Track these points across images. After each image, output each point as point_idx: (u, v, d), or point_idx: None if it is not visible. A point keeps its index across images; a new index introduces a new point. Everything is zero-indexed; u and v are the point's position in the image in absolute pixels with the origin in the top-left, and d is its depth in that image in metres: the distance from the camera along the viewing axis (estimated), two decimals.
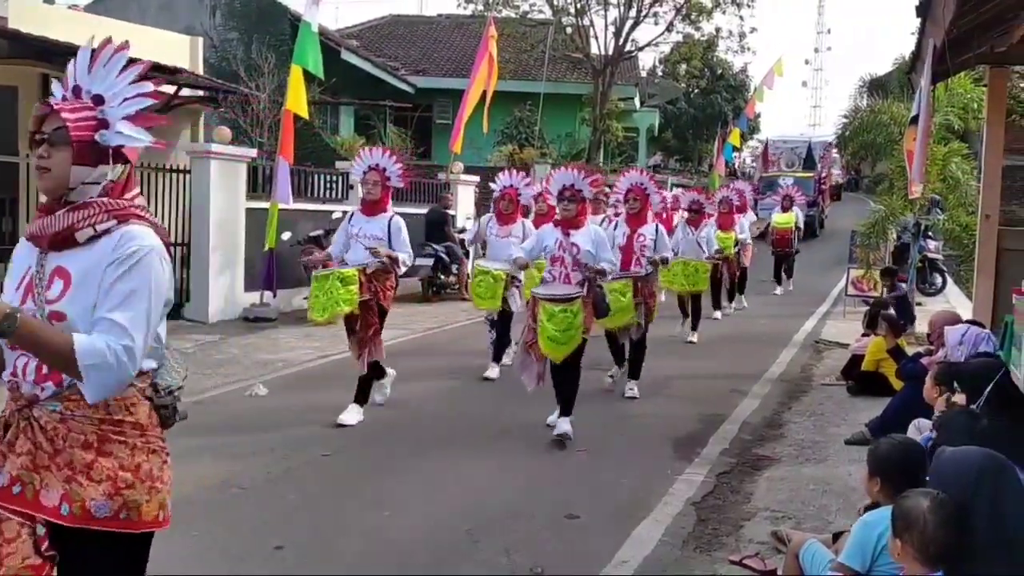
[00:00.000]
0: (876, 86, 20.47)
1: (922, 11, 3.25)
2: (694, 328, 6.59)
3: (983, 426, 2.15)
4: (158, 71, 7.86)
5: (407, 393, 4.55)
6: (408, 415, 4.17)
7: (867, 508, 2.10)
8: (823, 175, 17.40)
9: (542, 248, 3.79)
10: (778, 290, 9.75)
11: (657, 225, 4.68)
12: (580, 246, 3.66)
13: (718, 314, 7.77)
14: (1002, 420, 2.25)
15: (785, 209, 9.81)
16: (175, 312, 6.70)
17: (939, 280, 9.00)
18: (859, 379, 4.77)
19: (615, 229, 4.58)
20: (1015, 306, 3.93)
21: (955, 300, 8.32)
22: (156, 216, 6.70)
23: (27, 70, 7.25)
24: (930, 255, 8.58)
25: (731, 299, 8.35)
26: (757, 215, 13.76)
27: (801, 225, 10.20)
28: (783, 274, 9.90)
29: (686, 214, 6.87)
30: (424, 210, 9.00)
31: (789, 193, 10.04)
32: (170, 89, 8.56)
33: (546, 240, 3.78)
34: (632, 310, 4.34)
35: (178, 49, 9.37)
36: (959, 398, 2.59)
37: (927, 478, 1.73)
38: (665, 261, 4.70)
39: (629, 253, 4.47)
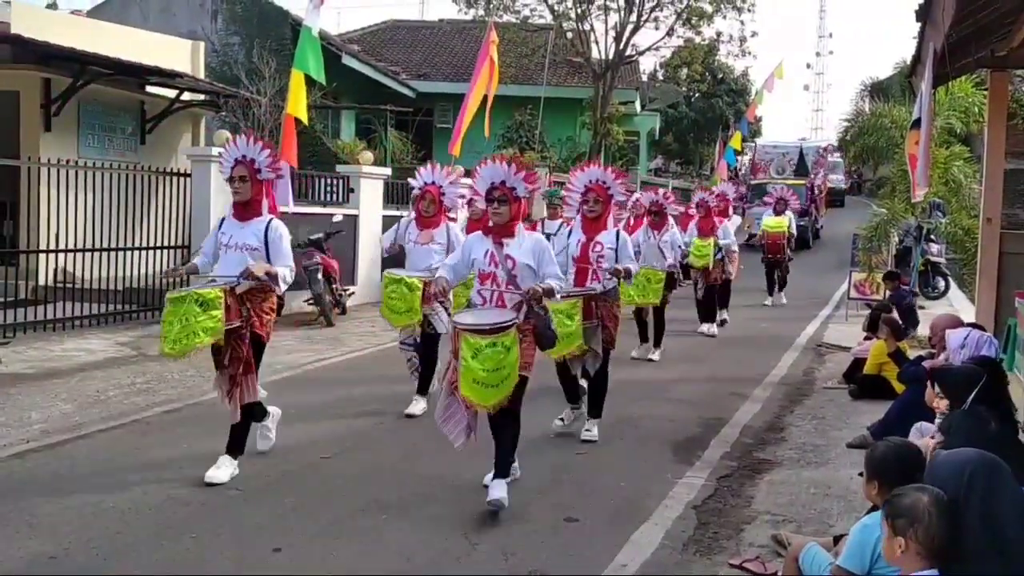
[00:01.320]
0: (877, 90, 20.41)
1: (922, 15, 3.25)
2: (656, 344, 5.76)
3: (991, 431, 2.14)
4: (160, 75, 7.96)
5: (410, 394, 4.54)
6: (410, 423, 4.15)
7: (868, 511, 2.09)
8: (817, 182, 15.90)
9: (469, 263, 3.02)
10: (768, 300, 8.87)
11: (618, 231, 3.83)
12: (516, 259, 2.91)
13: (711, 328, 6.91)
14: (1009, 424, 2.24)
15: (778, 212, 8.93)
16: None
17: (941, 284, 8.97)
18: (861, 383, 4.75)
19: (569, 236, 3.81)
20: (1018, 309, 3.92)
21: (958, 304, 8.29)
22: (157, 219, 6.45)
23: (29, 75, 7.30)
24: (932, 258, 8.55)
25: (709, 315, 7.12)
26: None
27: (795, 231, 9.24)
28: (776, 284, 8.97)
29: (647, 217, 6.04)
30: None
31: (783, 195, 9.14)
32: (171, 93, 8.64)
33: (474, 252, 3.00)
34: (579, 336, 3.54)
35: (180, 53, 9.43)
36: (942, 404, 2.59)
37: (924, 479, 1.72)
38: (628, 274, 3.80)
39: (584, 265, 3.68)
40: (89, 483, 3.02)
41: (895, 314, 5.01)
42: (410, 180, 4.56)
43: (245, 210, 3.16)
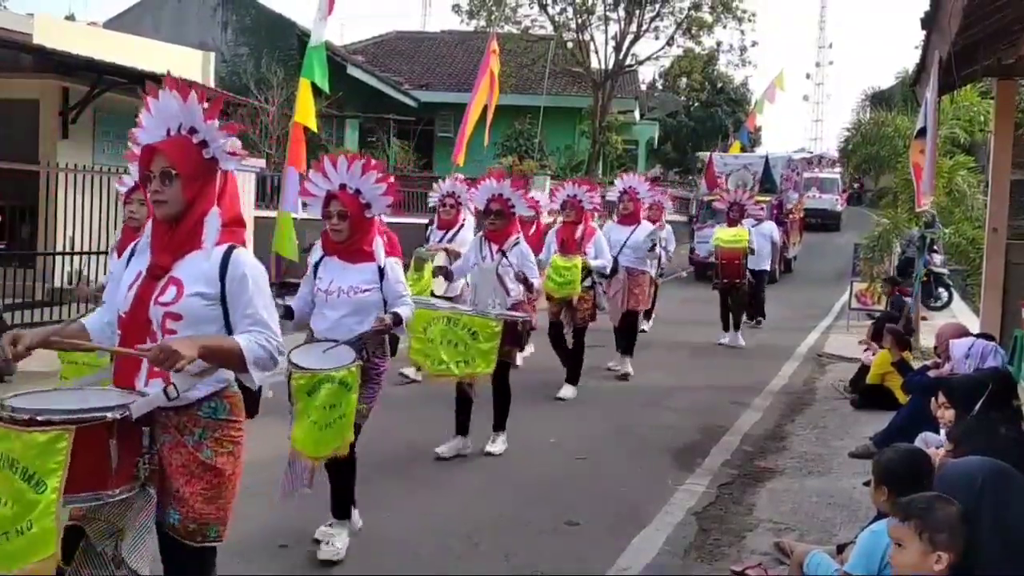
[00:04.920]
0: (879, 99, 20.42)
1: (927, 23, 3.28)
2: (499, 425, 3.54)
3: (1002, 437, 2.13)
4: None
5: (412, 395, 4.53)
6: (409, 418, 4.15)
7: (875, 519, 2.08)
8: (790, 203, 12.57)
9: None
10: (723, 338, 6.53)
11: (384, 266, 2.47)
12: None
13: (570, 391, 4.59)
14: (1017, 430, 2.24)
15: (732, 222, 6.58)
16: None
17: (944, 294, 8.93)
18: (864, 392, 4.72)
19: (315, 267, 2.51)
20: None
21: (961, 315, 8.26)
22: None
23: (49, 83, 7.46)
24: (935, 269, 8.51)
25: (572, 374, 4.63)
26: (692, 248, 10.91)
27: (755, 246, 6.63)
28: (731, 316, 6.60)
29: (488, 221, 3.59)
30: (425, 220, 9.13)
31: (737, 200, 6.75)
32: None
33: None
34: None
35: (191, 63, 9.58)
36: (949, 413, 2.58)
37: (933, 488, 1.72)
38: (395, 322, 2.43)
39: (139, 324, 1.45)
40: None
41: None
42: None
43: None
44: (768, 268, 7.76)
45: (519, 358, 4.78)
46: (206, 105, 1.57)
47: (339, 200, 2.42)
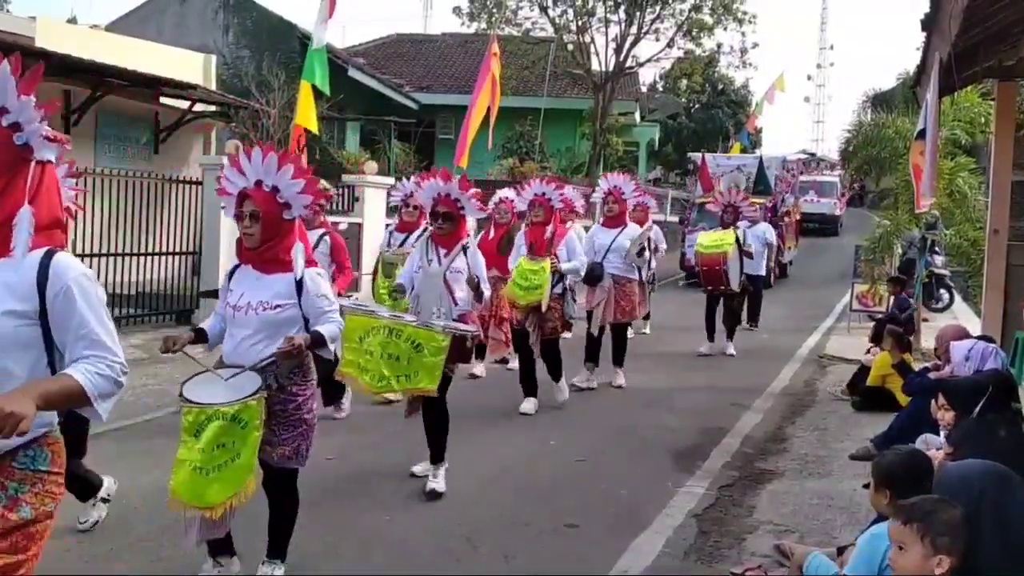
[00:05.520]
0: (880, 101, 20.41)
1: (927, 25, 3.29)
2: (437, 458, 3.16)
3: (1001, 439, 2.13)
4: (173, 87, 8.13)
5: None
6: (408, 421, 4.17)
7: (874, 521, 2.08)
8: (785, 207, 12.00)
9: None
10: (703, 347, 6.19)
11: (302, 278, 2.13)
12: None
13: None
14: (1018, 431, 2.24)
15: (727, 225, 6.17)
16: (185, 318, 6.79)
17: (946, 296, 8.92)
18: (864, 394, 4.72)
19: (229, 277, 2.23)
20: None
21: (963, 316, 8.24)
22: (169, 225, 6.13)
23: (51, 86, 7.50)
24: (936, 270, 8.49)
25: (555, 374, 4.33)
26: (683, 253, 10.34)
27: (751, 248, 6.37)
28: (722, 324, 6.29)
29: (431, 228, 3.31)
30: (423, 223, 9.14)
31: (732, 202, 6.29)
32: (184, 104, 8.83)
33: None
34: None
35: (192, 66, 9.63)
36: (949, 415, 2.59)
37: (932, 490, 1.72)
38: (316, 342, 2.13)
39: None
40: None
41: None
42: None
43: None
44: (763, 273, 7.54)
45: (513, 362, 4.65)
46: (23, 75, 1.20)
47: (252, 199, 2.06)
